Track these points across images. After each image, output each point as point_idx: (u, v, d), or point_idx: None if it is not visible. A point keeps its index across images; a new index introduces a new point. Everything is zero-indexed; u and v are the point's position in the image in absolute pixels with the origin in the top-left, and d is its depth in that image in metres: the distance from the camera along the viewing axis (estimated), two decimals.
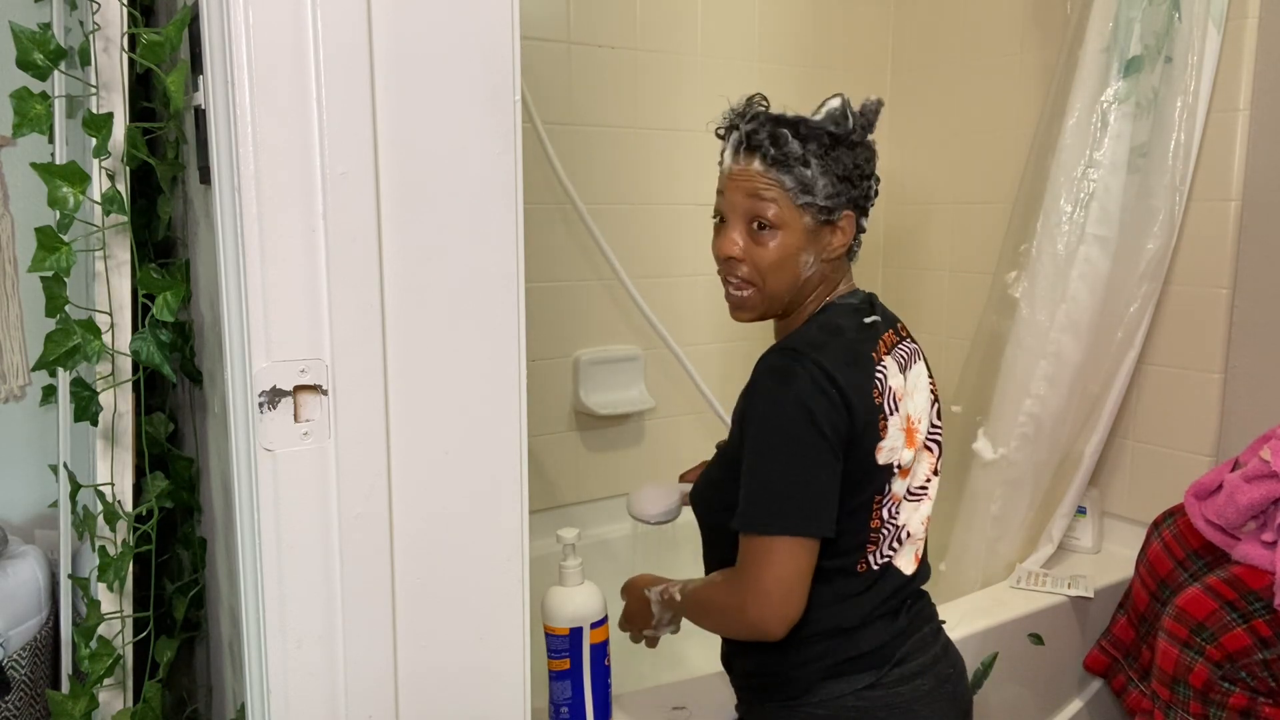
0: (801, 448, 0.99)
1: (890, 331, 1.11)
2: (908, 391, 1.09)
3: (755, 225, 1.06)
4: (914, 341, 1.15)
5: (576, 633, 1.22)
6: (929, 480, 1.13)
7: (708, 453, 1.31)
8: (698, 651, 1.79)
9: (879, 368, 1.05)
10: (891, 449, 1.05)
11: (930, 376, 1.15)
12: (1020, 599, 1.64)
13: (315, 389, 0.87)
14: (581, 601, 1.23)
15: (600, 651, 1.24)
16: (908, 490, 1.10)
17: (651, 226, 2.05)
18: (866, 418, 1.02)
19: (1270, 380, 1.65)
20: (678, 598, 1.16)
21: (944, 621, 1.19)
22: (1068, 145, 1.74)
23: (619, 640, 1.28)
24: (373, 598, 0.92)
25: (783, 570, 1.00)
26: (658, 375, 2.08)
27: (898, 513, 1.10)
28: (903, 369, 1.09)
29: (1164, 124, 1.69)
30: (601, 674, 1.24)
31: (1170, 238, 1.71)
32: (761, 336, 2.33)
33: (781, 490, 1.00)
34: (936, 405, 1.15)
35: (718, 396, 2.10)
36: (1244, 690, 1.34)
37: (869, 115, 1.10)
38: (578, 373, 1.97)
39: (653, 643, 1.26)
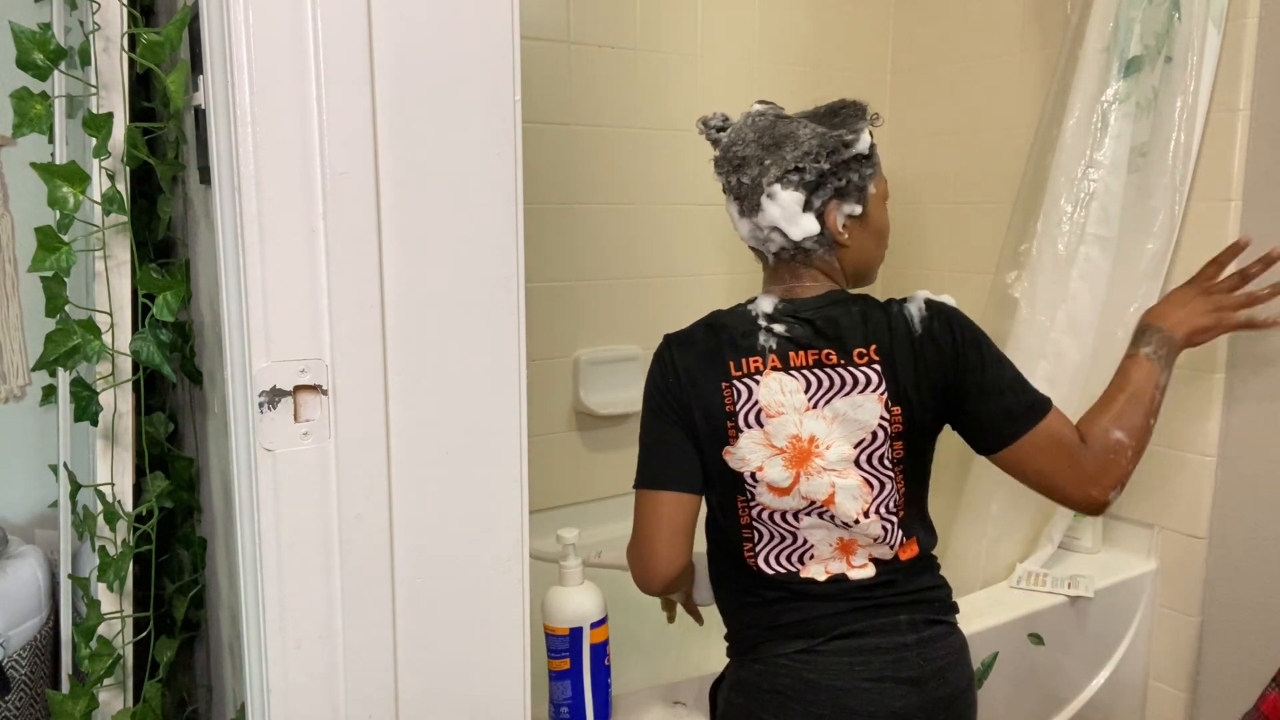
0: (652, 415, 1.14)
1: (813, 351, 1.08)
2: (796, 410, 1.07)
3: None
4: (885, 369, 1.07)
5: (576, 633, 1.22)
6: (861, 518, 1.08)
7: None
8: (697, 651, 1.79)
9: (748, 378, 1.09)
10: (742, 459, 1.09)
11: (891, 410, 1.07)
12: (1020, 599, 1.64)
13: (315, 389, 0.87)
14: (581, 601, 1.23)
15: (600, 651, 1.24)
16: (820, 515, 1.09)
17: (652, 226, 2.05)
18: (709, 416, 1.10)
19: (1270, 380, 1.65)
20: None
21: (944, 622, 1.14)
22: (1068, 145, 1.74)
23: (619, 640, 1.28)
24: (373, 598, 0.92)
25: (644, 521, 1.12)
26: None
27: (787, 525, 1.10)
28: (813, 390, 1.07)
29: (1164, 124, 1.69)
30: (601, 674, 1.24)
31: (1170, 238, 1.71)
32: None
33: (641, 451, 1.15)
34: (893, 443, 1.08)
35: None
36: None
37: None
38: (578, 373, 1.97)
39: (685, 613, 1.32)
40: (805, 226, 1.09)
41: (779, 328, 1.10)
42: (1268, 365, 1.66)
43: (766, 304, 1.12)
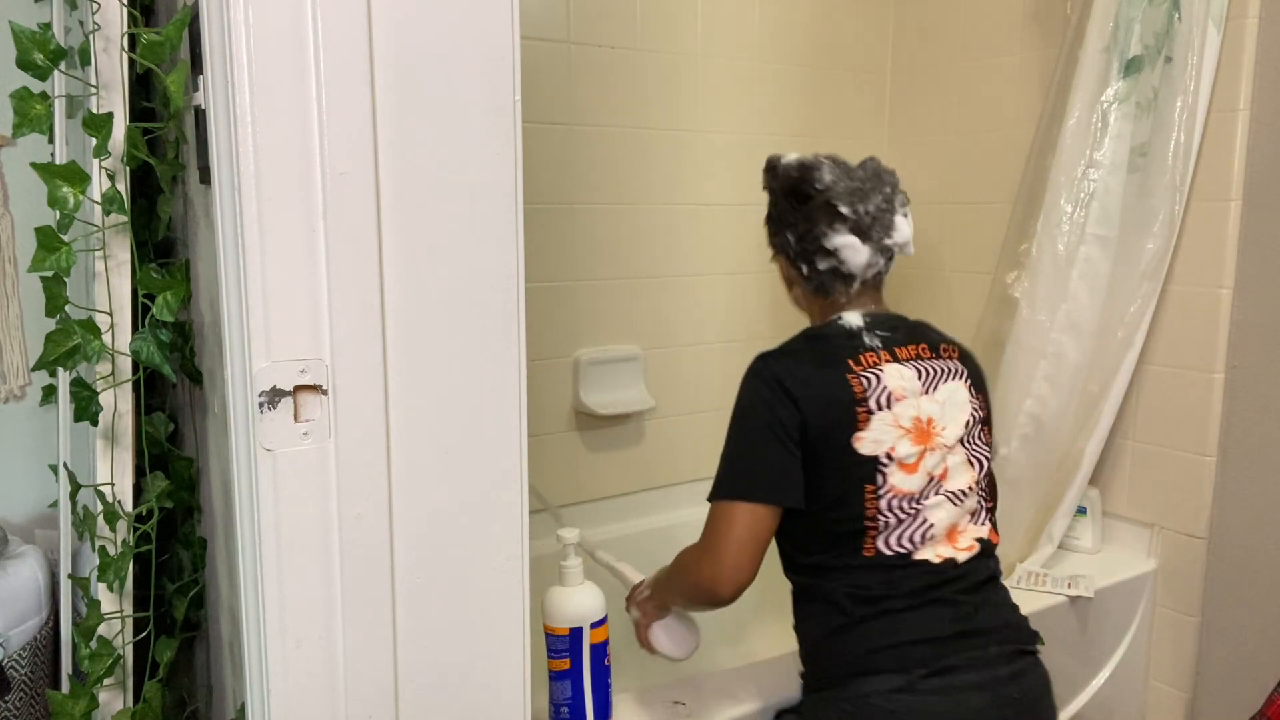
0: (751, 430, 1.14)
1: (912, 346, 1.21)
2: (915, 395, 1.17)
3: None
4: (962, 364, 1.24)
5: (576, 633, 1.22)
6: (968, 490, 1.18)
7: (708, 451, 1.31)
8: (696, 651, 1.79)
9: (870, 370, 1.16)
10: (876, 440, 1.13)
11: (976, 398, 1.23)
12: (1020, 599, 1.62)
13: (315, 389, 0.87)
14: (581, 601, 1.23)
15: (600, 651, 1.24)
16: (936, 491, 1.16)
17: (652, 226, 2.05)
18: (832, 410, 1.13)
19: (1270, 380, 1.65)
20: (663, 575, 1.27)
21: (1031, 652, 1.17)
22: (1068, 145, 1.74)
23: (619, 640, 1.28)
24: (373, 598, 0.92)
25: (731, 531, 1.11)
26: (658, 375, 2.07)
27: (911, 507, 1.13)
28: (924, 378, 1.19)
29: (1164, 124, 1.69)
30: (601, 674, 1.24)
31: (1170, 238, 1.71)
32: (761, 336, 2.33)
33: (734, 464, 1.14)
34: (982, 427, 1.23)
35: (719, 394, 2.10)
36: None
37: (789, 170, 1.23)
38: (578, 373, 1.97)
39: (642, 638, 1.31)
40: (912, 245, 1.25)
41: (878, 332, 1.22)
42: (1268, 366, 1.66)
43: (855, 319, 1.23)
